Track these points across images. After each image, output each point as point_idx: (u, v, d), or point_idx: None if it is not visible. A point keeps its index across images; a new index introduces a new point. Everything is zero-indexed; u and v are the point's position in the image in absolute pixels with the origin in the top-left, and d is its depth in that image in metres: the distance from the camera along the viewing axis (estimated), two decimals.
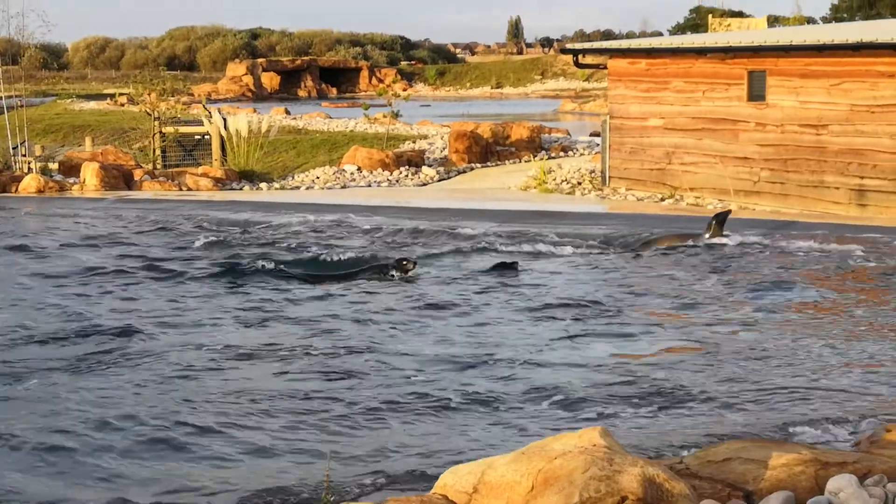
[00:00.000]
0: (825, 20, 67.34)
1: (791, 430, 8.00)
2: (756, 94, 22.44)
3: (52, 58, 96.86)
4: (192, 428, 8.15)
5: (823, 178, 21.22)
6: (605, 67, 26.36)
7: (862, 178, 20.61)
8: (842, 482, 6.11)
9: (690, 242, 16.53)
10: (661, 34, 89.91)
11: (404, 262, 14.61)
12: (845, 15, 64.77)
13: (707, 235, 16.75)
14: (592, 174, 26.49)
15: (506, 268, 14.93)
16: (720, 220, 17.02)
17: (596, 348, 10.78)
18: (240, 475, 7.31)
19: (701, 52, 23.61)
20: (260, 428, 8.23)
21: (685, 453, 6.98)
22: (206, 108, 33.31)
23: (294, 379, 9.59)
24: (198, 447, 7.77)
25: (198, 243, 17.09)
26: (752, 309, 12.41)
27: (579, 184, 25.88)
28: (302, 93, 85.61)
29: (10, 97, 30.66)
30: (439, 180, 28.04)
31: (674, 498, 5.76)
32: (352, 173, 28.42)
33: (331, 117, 43.10)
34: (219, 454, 7.66)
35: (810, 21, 63.90)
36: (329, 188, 27.05)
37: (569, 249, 16.38)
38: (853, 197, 20.74)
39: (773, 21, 54.84)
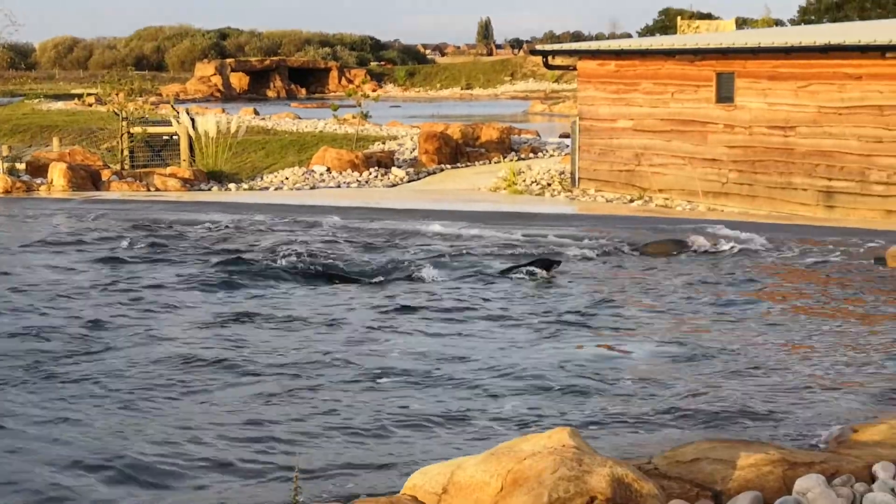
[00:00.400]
0: (793, 22, 67.64)
1: (759, 429, 8.02)
2: (724, 95, 22.55)
3: (20, 58, 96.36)
4: (148, 443, 8.00)
5: (791, 180, 21.32)
6: (575, 69, 26.43)
7: (829, 179, 20.72)
8: (809, 482, 6.13)
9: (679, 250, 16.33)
10: (630, 36, 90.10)
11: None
12: (813, 17, 65.06)
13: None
14: (562, 175, 26.54)
15: (548, 264, 14.72)
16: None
17: (569, 350, 10.77)
18: (205, 483, 7.25)
19: (670, 54, 23.70)
20: (222, 438, 8.14)
21: (654, 453, 6.99)
22: (174, 109, 33.20)
23: (258, 385, 9.48)
24: (156, 462, 7.63)
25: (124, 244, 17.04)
26: (732, 313, 12.46)
27: (549, 185, 25.94)
28: (271, 93, 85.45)
29: None
30: (409, 181, 28.05)
31: (642, 498, 5.77)
32: (321, 174, 28.38)
33: (300, 118, 43.01)
34: (179, 467, 7.55)
35: (778, 23, 64.25)
36: (298, 189, 27.02)
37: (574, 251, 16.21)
38: (821, 198, 20.85)
39: (742, 23, 55.09)
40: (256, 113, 48.04)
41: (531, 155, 31.59)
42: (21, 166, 27.73)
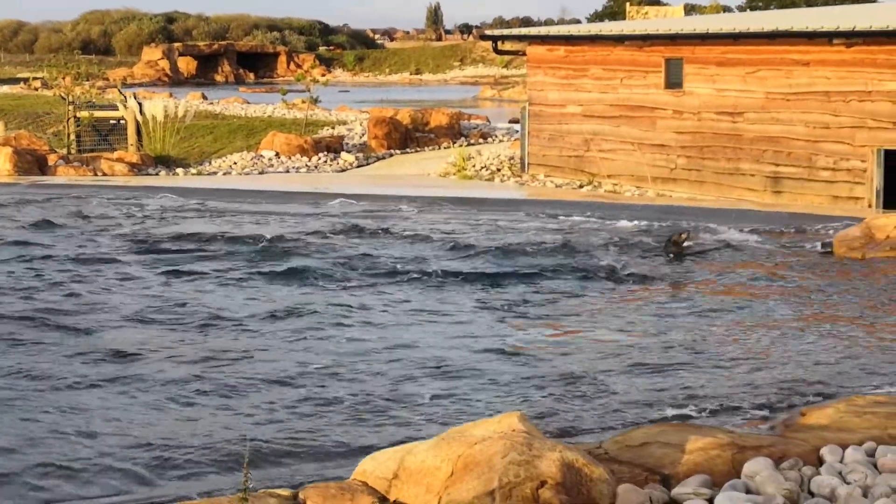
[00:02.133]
0: (742, 9, 68.11)
1: (707, 413, 8.07)
2: (673, 81, 22.61)
3: None
4: (97, 425, 7.93)
5: (739, 166, 21.43)
6: (524, 54, 26.42)
7: (777, 165, 20.85)
8: (757, 466, 6.17)
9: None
10: (579, 22, 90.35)
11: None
12: (761, 4, 65.54)
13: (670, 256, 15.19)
14: (511, 161, 26.56)
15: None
16: (678, 242, 15.37)
17: (520, 336, 10.78)
18: (155, 467, 7.21)
19: (619, 40, 23.74)
20: (173, 420, 8.10)
21: (605, 438, 7.01)
22: (121, 93, 32.92)
23: (198, 376, 9.40)
24: (104, 446, 7.57)
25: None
26: (684, 298, 12.51)
27: (498, 170, 25.95)
28: (219, 78, 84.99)
29: None
30: (358, 166, 27.99)
31: (592, 482, 5.79)
32: (270, 159, 28.25)
33: (248, 102, 42.80)
34: (128, 449, 7.50)
35: (727, 10, 64.55)
36: (247, 174, 26.89)
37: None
38: (768, 184, 20.98)
39: (691, 9, 55.33)
40: (204, 97, 47.74)
41: (481, 140, 31.59)
42: None
